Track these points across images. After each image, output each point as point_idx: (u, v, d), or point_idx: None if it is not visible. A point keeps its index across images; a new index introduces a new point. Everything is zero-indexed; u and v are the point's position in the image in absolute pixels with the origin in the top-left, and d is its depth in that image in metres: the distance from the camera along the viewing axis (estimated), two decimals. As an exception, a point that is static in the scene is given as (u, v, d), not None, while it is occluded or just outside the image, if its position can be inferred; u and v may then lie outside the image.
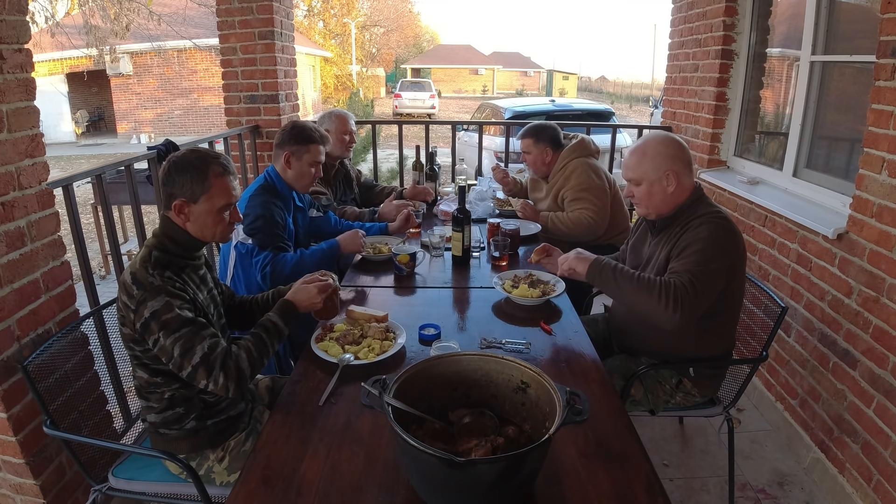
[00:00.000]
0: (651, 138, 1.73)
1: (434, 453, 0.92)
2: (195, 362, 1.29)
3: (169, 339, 1.29)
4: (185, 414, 1.46)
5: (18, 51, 1.58)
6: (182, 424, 1.47)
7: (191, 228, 1.43)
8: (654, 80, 33.16)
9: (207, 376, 1.30)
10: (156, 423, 1.47)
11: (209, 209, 1.41)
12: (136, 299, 1.31)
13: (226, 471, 1.50)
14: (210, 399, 1.48)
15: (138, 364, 1.42)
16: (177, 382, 1.43)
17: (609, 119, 6.64)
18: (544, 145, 2.76)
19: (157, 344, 1.31)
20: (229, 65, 3.55)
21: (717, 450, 2.36)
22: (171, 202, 1.40)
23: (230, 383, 1.31)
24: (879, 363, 1.89)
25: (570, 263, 1.75)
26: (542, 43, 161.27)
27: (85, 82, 15.65)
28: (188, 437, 1.48)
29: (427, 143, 3.70)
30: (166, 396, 1.44)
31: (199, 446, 1.50)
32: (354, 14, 30.64)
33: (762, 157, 3.08)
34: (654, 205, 1.72)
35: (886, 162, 1.86)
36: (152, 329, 1.30)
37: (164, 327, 1.29)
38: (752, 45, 3.08)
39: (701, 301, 1.56)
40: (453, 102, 28.39)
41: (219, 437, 1.51)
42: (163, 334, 1.29)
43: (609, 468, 1.13)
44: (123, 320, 1.37)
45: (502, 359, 1.19)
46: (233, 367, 1.32)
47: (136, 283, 1.32)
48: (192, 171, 1.39)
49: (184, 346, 1.30)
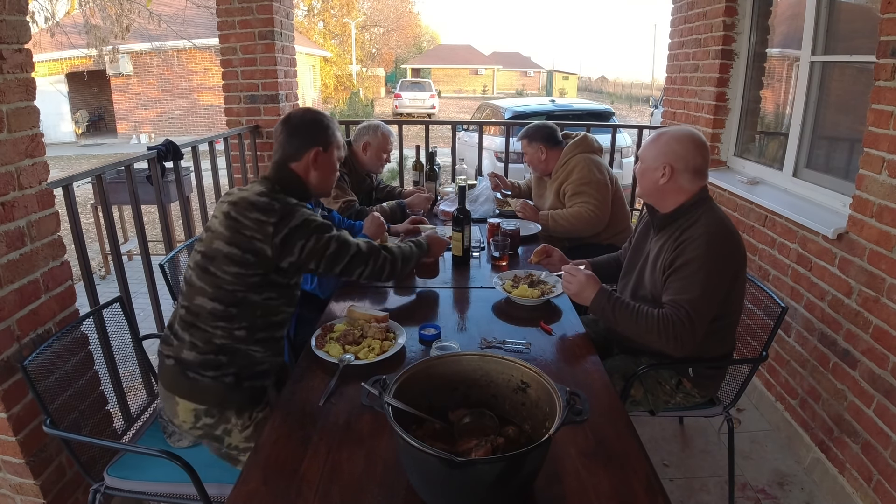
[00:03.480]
0: (674, 129, 1.73)
1: (434, 453, 0.92)
2: (353, 253, 1.54)
3: (323, 239, 1.47)
4: (227, 364, 1.45)
5: (18, 51, 1.58)
6: (219, 373, 1.45)
7: (313, 178, 1.59)
8: (654, 80, 33.16)
9: (364, 264, 1.57)
10: (189, 362, 1.45)
11: (334, 159, 1.63)
12: (278, 212, 1.42)
13: (244, 440, 1.49)
14: (258, 355, 1.49)
15: (221, 290, 1.42)
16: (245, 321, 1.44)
17: (609, 119, 6.63)
18: (538, 144, 2.81)
19: (305, 249, 1.44)
20: (229, 65, 3.56)
21: (717, 450, 2.36)
22: (303, 152, 1.56)
23: (386, 266, 1.63)
24: (879, 363, 1.89)
25: (575, 287, 1.72)
26: (542, 43, 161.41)
27: (85, 82, 15.65)
28: (219, 390, 1.45)
29: (427, 143, 3.70)
30: (217, 338, 1.44)
31: (225, 404, 1.47)
32: (354, 14, 30.62)
33: (762, 157, 3.08)
34: (644, 187, 1.75)
35: (886, 162, 1.86)
36: (302, 234, 1.44)
37: (316, 230, 1.46)
38: (752, 45, 3.08)
39: (701, 328, 1.58)
40: (453, 102, 28.39)
41: (246, 406, 1.50)
42: (316, 238, 1.46)
43: (609, 468, 1.13)
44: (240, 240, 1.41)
45: (502, 359, 1.19)
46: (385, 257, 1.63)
47: (275, 201, 1.44)
48: (321, 125, 1.60)
49: (339, 241, 1.51)
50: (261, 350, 1.50)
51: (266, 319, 1.49)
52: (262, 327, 1.49)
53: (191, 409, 1.47)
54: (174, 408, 1.49)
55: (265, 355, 1.52)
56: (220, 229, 1.44)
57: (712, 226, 1.63)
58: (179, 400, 1.47)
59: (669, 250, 1.66)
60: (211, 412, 1.47)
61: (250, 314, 1.46)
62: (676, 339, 1.55)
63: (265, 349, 1.51)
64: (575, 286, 1.72)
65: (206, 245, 1.46)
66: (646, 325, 1.59)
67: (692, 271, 1.58)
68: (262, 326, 1.49)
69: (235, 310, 1.44)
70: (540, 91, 38.58)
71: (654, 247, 1.77)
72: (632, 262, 1.91)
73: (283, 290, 1.50)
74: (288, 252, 1.43)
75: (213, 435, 1.50)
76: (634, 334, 1.64)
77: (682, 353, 1.59)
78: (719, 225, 1.63)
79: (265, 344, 1.51)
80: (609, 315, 1.67)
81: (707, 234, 1.60)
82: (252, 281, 1.43)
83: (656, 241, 1.77)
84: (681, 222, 1.69)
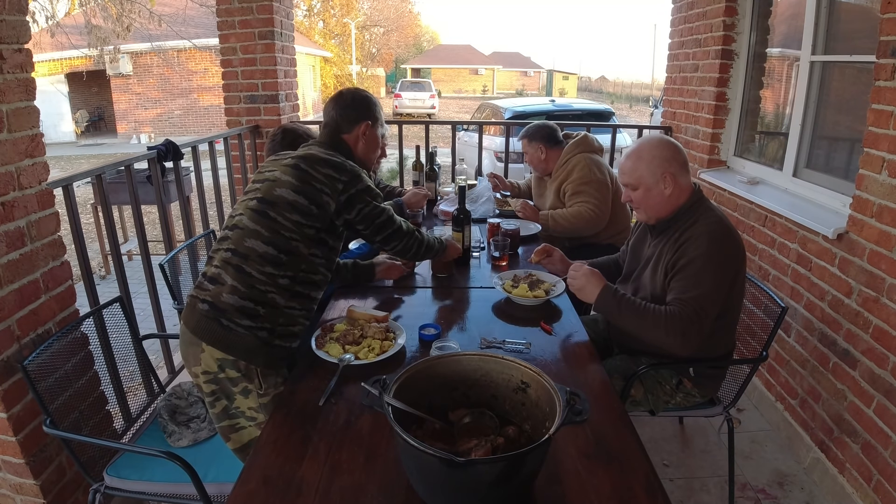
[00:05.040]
0: (645, 142, 1.72)
1: (434, 453, 0.92)
2: (395, 227, 1.71)
3: (378, 209, 1.64)
4: (263, 317, 1.46)
5: (18, 51, 1.58)
6: (255, 324, 1.45)
7: (360, 150, 1.75)
8: (654, 80, 33.13)
9: (401, 239, 1.74)
10: (226, 308, 1.44)
11: (378, 134, 1.80)
12: (350, 172, 1.58)
13: (254, 410, 1.48)
14: (293, 312, 1.54)
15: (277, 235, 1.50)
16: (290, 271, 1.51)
17: (609, 119, 6.63)
18: (537, 143, 2.83)
19: (362, 212, 1.60)
20: (229, 65, 3.56)
21: (717, 450, 2.36)
22: (356, 125, 1.72)
23: (414, 246, 1.80)
24: (879, 363, 1.89)
25: (580, 281, 1.71)
26: (542, 43, 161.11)
27: (85, 82, 15.64)
28: (248, 343, 1.45)
29: (427, 143, 3.70)
30: (260, 283, 1.47)
31: (255, 359, 1.46)
32: (354, 14, 30.62)
33: (762, 157, 3.08)
34: (653, 208, 1.71)
35: (886, 162, 1.86)
36: (363, 199, 1.59)
37: (374, 198, 1.63)
38: (752, 45, 3.08)
39: (708, 323, 1.57)
40: (453, 102, 28.38)
41: (272, 368, 1.49)
42: (373, 205, 1.62)
43: (609, 468, 1.13)
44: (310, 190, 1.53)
45: (502, 359, 1.19)
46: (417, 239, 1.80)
47: (346, 161, 1.60)
48: (371, 101, 1.77)
49: (388, 214, 1.68)
50: (296, 307, 1.55)
51: (307, 276, 1.56)
52: (302, 282, 1.55)
53: (217, 357, 1.45)
54: (197, 354, 1.47)
55: (299, 314, 1.56)
56: (285, 178, 1.54)
57: (712, 224, 1.63)
58: (206, 347, 1.45)
59: (670, 252, 1.66)
60: (238, 365, 1.45)
61: (297, 265, 1.53)
62: (684, 335, 1.54)
63: (300, 307, 1.56)
64: (580, 280, 1.71)
65: (266, 192, 1.54)
66: (652, 322, 1.58)
67: (696, 269, 1.58)
68: (302, 280, 1.55)
69: (286, 257, 1.50)
70: (540, 91, 38.56)
71: (653, 251, 1.77)
72: (630, 268, 1.91)
73: (328, 250, 1.61)
74: (348, 210, 1.58)
75: (227, 390, 1.48)
76: (640, 331, 1.63)
77: (688, 351, 1.57)
78: (719, 224, 1.64)
79: (301, 300, 1.56)
80: (614, 311, 1.66)
81: (708, 233, 1.61)
82: (308, 233, 1.53)
83: (655, 245, 1.77)
84: (679, 224, 1.69)
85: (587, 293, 1.70)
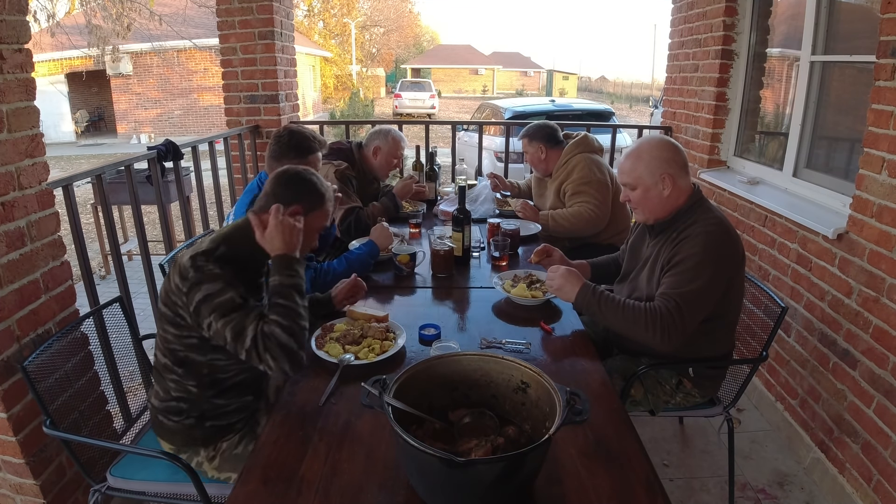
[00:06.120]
0: (645, 142, 1.72)
1: (434, 453, 0.92)
2: (247, 346, 1.27)
3: (220, 322, 1.28)
4: (187, 410, 1.48)
5: (18, 51, 1.58)
6: (181, 418, 1.48)
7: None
8: (654, 80, 33.16)
9: (259, 362, 1.27)
10: (157, 408, 1.51)
11: (315, 227, 1.46)
12: (190, 282, 1.29)
13: (215, 470, 1.52)
14: (220, 402, 1.49)
15: (167, 348, 1.43)
16: (193, 380, 1.44)
17: (609, 119, 6.63)
18: (538, 143, 2.83)
19: (211, 328, 1.30)
20: (229, 65, 3.56)
21: (717, 450, 2.36)
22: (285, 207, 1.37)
23: (284, 364, 1.27)
24: (879, 363, 1.89)
25: (558, 282, 1.71)
26: (542, 43, 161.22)
27: (85, 82, 15.64)
28: (183, 431, 1.50)
29: (427, 143, 3.70)
30: (173, 391, 1.46)
31: (191, 443, 1.52)
32: (354, 14, 30.61)
33: (762, 157, 3.08)
34: (651, 209, 1.71)
35: (886, 162, 1.86)
36: (203, 313, 1.29)
37: (215, 310, 1.28)
38: (752, 45, 3.08)
39: (690, 322, 1.57)
40: (453, 102, 28.39)
41: (212, 438, 1.52)
42: (214, 317, 1.28)
43: (609, 468, 1.13)
44: (169, 302, 1.36)
45: (502, 359, 1.19)
46: (275, 346, 1.26)
47: (193, 267, 1.30)
48: (312, 186, 1.44)
49: (234, 329, 1.28)
50: (222, 399, 1.49)
51: (213, 377, 1.45)
52: (211, 384, 1.46)
53: (168, 447, 1.54)
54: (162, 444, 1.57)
55: (228, 400, 1.50)
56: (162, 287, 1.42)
57: (710, 226, 1.63)
58: (159, 439, 1.56)
59: (667, 250, 1.66)
60: (182, 450, 1.52)
61: (195, 372, 1.43)
62: (664, 330, 1.54)
63: (226, 399, 1.50)
64: (557, 281, 1.71)
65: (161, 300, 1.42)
66: (632, 318, 1.58)
67: (687, 267, 1.58)
68: (210, 384, 1.45)
69: (181, 369, 1.43)
70: (540, 91, 38.56)
71: (651, 251, 1.77)
72: (628, 268, 1.91)
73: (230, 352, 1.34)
74: (200, 323, 1.32)
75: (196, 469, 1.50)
76: (621, 328, 1.64)
77: (668, 348, 1.57)
78: (717, 225, 1.63)
79: (225, 395, 1.49)
80: (595, 309, 1.66)
81: (705, 234, 1.61)
82: (190, 342, 1.39)
83: (653, 246, 1.77)
84: (678, 225, 1.69)
85: (566, 293, 1.70)
